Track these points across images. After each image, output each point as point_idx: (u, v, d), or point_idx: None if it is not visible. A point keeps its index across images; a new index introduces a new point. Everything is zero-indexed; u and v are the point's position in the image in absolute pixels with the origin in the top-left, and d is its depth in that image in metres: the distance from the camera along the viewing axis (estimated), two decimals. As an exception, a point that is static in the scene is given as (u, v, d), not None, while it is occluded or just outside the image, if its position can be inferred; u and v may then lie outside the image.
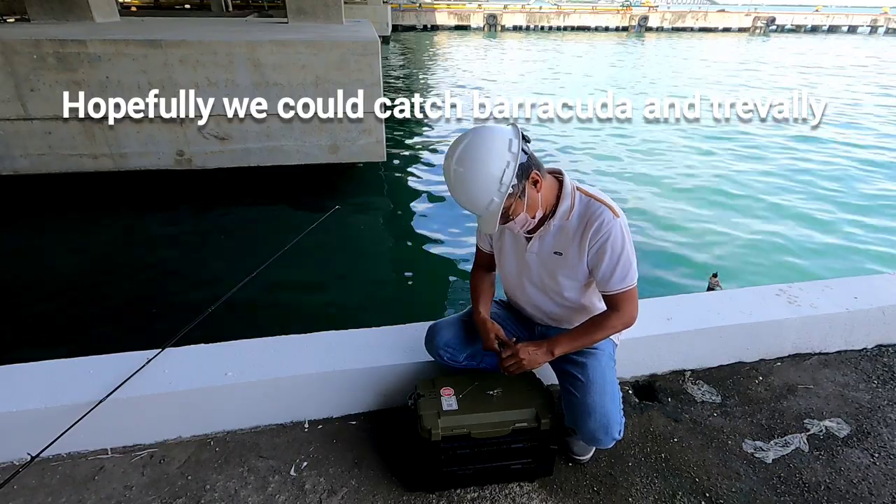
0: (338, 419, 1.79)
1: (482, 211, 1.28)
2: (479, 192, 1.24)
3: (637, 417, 1.82)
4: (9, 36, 4.98)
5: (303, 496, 1.52)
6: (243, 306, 4.05)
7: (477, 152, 1.22)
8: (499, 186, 1.23)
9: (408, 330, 1.89)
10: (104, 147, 5.59)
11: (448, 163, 1.25)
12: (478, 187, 1.23)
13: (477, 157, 1.22)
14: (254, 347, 1.80)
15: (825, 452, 1.69)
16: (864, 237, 5.88)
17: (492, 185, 1.23)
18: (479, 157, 1.22)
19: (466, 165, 1.22)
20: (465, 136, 1.26)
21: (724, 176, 7.78)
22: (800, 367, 2.08)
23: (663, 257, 5.31)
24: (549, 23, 39.19)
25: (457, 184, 1.25)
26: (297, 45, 5.50)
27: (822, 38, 35.40)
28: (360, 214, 6.41)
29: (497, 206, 1.25)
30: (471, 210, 1.29)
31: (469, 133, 1.25)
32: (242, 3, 21.86)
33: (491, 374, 1.56)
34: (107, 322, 4.06)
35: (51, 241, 5.40)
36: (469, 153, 1.23)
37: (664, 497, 1.53)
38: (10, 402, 1.54)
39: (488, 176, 1.22)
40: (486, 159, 1.22)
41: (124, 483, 1.55)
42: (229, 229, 5.84)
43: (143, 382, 1.62)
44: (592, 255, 1.38)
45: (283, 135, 5.93)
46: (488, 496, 1.53)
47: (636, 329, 1.82)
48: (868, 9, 48.30)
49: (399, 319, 1.99)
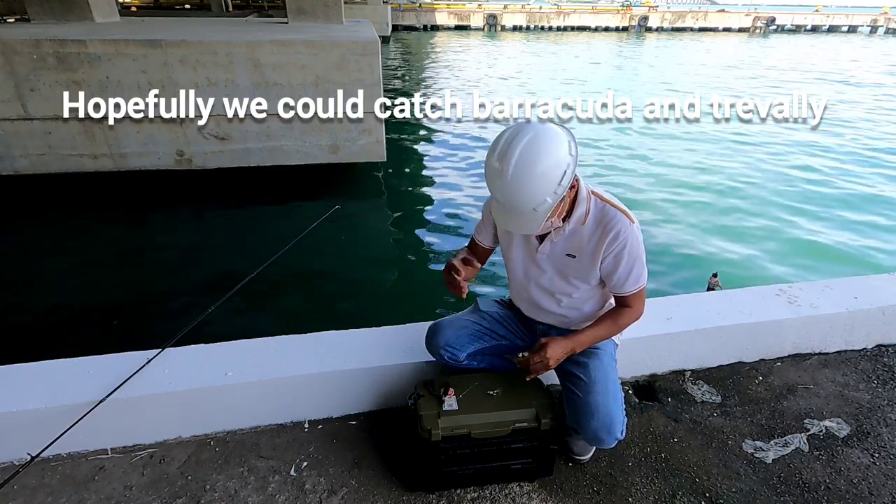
0: (338, 419, 1.79)
1: (528, 211, 1.21)
2: (535, 191, 1.18)
3: (637, 417, 1.82)
4: (9, 36, 4.98)
5: (303, 496, 1.52)
6: (243, 306, 4.05)
7: (541, 150, 1.16)
8: (556, 188, 1.19)
9: (408, 330, 1.89)
10: (104, 147, 5.59)
11: (502, 156, 1.17)
12: (536, 186, 1.17)
13: (541, 154, 1.16)
14: (254, 347, 1.80)
15: (825, 452, 1.69)
16: (864, 237, 5.88)
17: (550, 186, 1.18)
18: (544, 155, 1.16)
19: (529, 161, 1.15)
20: (518, 130, 1.18)
21: (723, 176, 7.77)
22: (800, 367, 2.08)
23: (663, 257, 5.31)
24: (549, 23, 39.19)
25: (512, 179, 1.17)
26: (297, 45, 5.50)
27: (823, 38, 35.40)
28: (360, 214, 6.41)
29: (548, 207, 1.21)
30: (514, 208, 1.22)
31: (524, 128, 1.18)
32: (242, 3, 21.87)
33: (491, 374, 1.57)
34: (107, 322, 4.06)
35: (51, 241, 5.40)
36: (532, 149, 1.16)
37: (664, 497, 1.53)
38: (10, 402, 1.54)
39: (550, 176, 1.17)
40: (551, 158, 1.17)
41: (124, 483, 1.55)
42: (229, 229, 5.85)
43: (143, 382, 1.61)
44: (609, 261, 1.38)
45: (283, 135, 5.93)
46: (488, 496, 1.53)
47: (636, 329, 1.82)
48: (868, 9, 48.30)
49: (399, 319, 1.99)
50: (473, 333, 1.60)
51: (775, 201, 6.80)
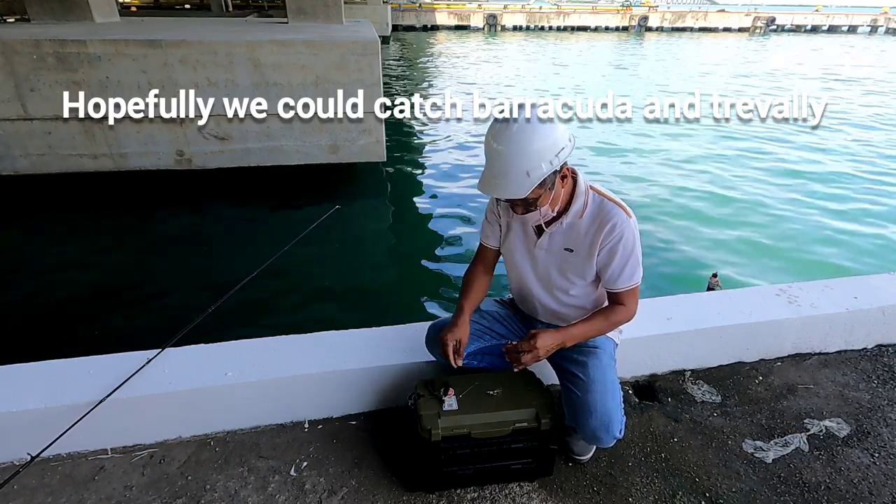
0: (338, 419, 1.79)
1: (521, 174, 1.24)
2: (533, 152, 1.22)
3: (637, 417, 1.82)
4: (9, 36, 4.98)
5: (303, 496, 1.52)
6: (243, 306, 4.05)
7: (545, 122, 1.23)
8: (552, 158, 1.24)
9: (408, 330, 1.89)
10: (104, 147, 5.59)
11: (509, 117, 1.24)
12: (536, 147, 1.22)
13: (545, 125, 1.23)
14: (254, 347, 1.80)
15: (825, 452, 1.69)
16: (864, 237, 5.88)
17: (547, 154, 1.23)
18: (547, 127, 1.23)
19: (534, 125, 1.22)
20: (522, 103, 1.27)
21: (723, 175, 7.77)
22: (800, 367, 2.08)
23: (663, 257, 5.31)
24: (549, 23, 39.20)
25: (516, 133, 1.22)
26: (297, 45, 5.50)
27: (823, 38, 35.37)
28: (361, 214, 6.41)
29: (541, 175, 1.25)
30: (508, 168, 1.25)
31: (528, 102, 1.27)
32: (242, 3, 21.86)
33: (491, 374, 1.57)
34: (107, 322, 4.06)
35: (50, 241, 5.40)
36: (537, 118, 1.23)
37: (664, 497, 1.53)
38: (10, 402, 1.54)
39: (550, 143, 1.24)
40: (554, 131, 1.24)
41: (124, 483, 1.55)
42: (229, 229, 5.85)
43: (143, 382, 1.61)
44: (604, 254, 1.40)
45: (283, 135, 5.93)
46: (488, 496, 1.53)
47: (636, 329, 1.83)
48: (868, 9, 48.28)
49: (399, 319, 1.99)
50: (473, 333, 1.60)
51: (776, 201, 6.79)
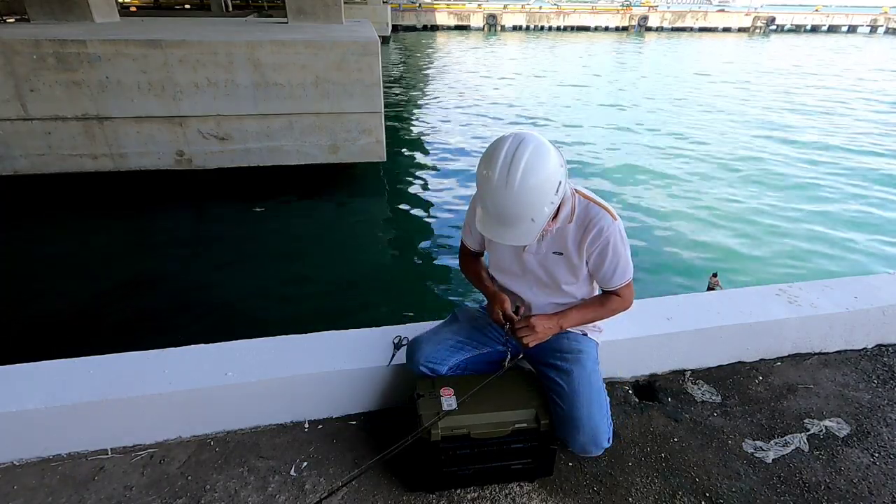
0: (338, 419, 1.79)
1: (527, 222, 1.23)
2: (536, 201, 1.20)
3: (637, 417, 1.82)
4: (9, 36, 4.98)
5: (303, 496, 1.52)
6: (243, 306, 4.05)
7: (540, 162, 1.18)
8: (552, 198, 1.22)
9: (408, 330, 1.88)
10: (104, 147, 5.59)
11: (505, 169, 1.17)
12: (537, 196, 1.19)
13: (541, 166, 1.17)
14: (254, 347, 1.80)
15: (825, 452, 1.69)
16: (864, 237, 5.88)
17: (548, 196, 1.21)
18: (543, 167, 1.18)
19: (533, 173, 1.17)
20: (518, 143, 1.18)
21: (723, 175, 7.77)
22: (800, 367, 2.08)
23: (663, 257, 5.31)
24: (549, 23, 39.17)
25: (518, 190, 1.17)
26: (297, 45, 5.50)
27: (823, 38, 35.39)
28: (360, 214, 6.41)
29: (545, 217, 1.24)
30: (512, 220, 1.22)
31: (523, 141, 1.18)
32: (242, 3, 21.86)
33: (491, 375, 1.56)
34: (107, 322, 4.06)
35: (50, 242, 5.40)
36: (534, 162, 1.17)
37: (664, 497, 1.53)
38: (10, 402, 1.54)
39: (549, 185, 1.20)
40: (549, 168, 1.19)
41: (124, 483, 1.55)
42: (229, 229, 5.84)
43: (143, 382, 1.62)
44: (594, 258, 1.43)
45: (283, 135, 5.93)
46: (488, 496, 1.53)
47: (636, 329, 1.83)
48: (868, 9, 48.25)
49: (399, 319, 2.00)
50: (454, 346, 1.60)
51: (776, 201, 6.79)
